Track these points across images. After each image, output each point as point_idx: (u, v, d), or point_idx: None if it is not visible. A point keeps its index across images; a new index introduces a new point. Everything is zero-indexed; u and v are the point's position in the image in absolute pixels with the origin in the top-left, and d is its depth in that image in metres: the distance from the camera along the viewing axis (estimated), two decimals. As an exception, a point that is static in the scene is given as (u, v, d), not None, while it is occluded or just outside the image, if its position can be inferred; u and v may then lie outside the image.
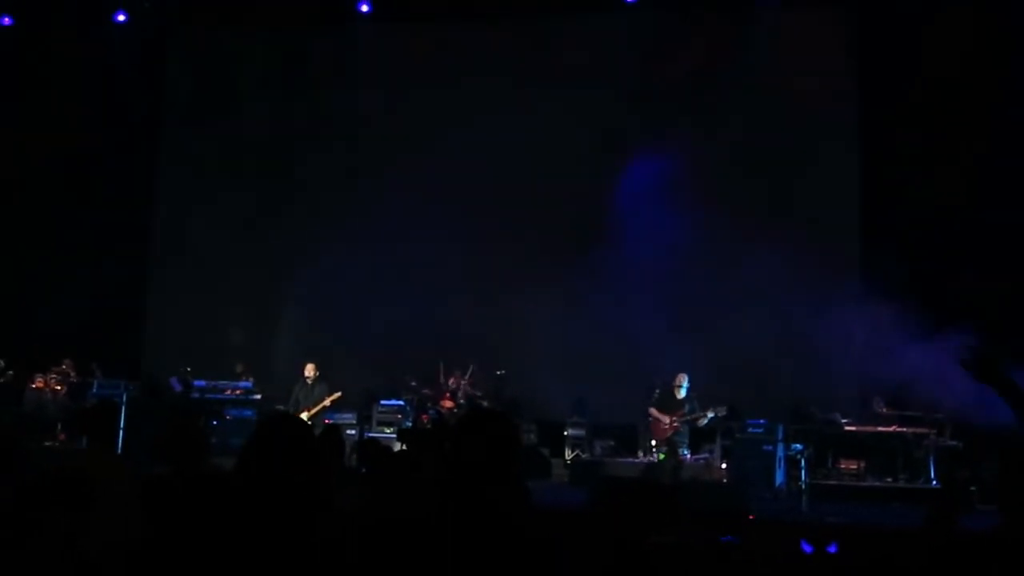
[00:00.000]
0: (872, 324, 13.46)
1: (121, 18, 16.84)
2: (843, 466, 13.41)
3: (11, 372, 14.53)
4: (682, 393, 13.25)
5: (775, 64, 15.37)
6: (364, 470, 6.40)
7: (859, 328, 13.75)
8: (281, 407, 14.32)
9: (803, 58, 15.26)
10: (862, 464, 13.33)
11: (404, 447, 8.69)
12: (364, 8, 16.58)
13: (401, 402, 14.67)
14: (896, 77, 14.79)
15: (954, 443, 12.87)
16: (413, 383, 14.96)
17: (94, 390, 14.61)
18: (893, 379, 12.94)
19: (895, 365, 12.68)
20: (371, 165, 16.37)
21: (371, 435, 13.69)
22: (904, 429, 13.14)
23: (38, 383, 14.75)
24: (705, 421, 13.18)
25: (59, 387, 14.85)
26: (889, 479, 13.04)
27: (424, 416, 14.28)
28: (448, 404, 14.39)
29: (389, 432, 13.64)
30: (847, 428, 13.43)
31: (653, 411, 13.29)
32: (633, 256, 14.85)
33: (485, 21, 16.60)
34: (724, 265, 14.45)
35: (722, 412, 13.16)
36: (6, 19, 16.49)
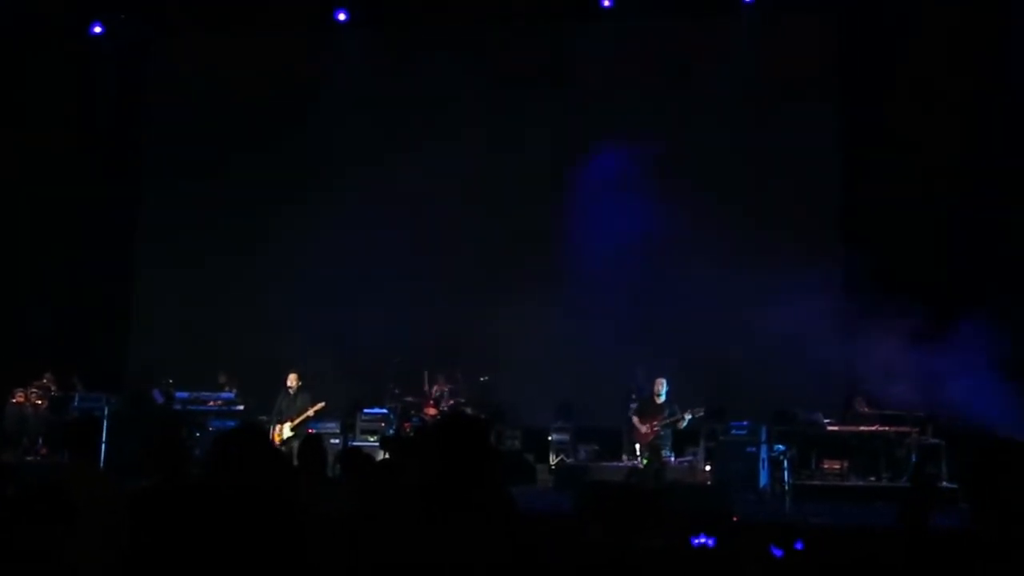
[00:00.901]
0: (853, 324, 13.59)
1: (97, 30, 16.77)
2: (826, 466, 13.50)
3: (-9, 387, 14.44)
4: (662, 398, 13.60)
5: (755, 64, 15.45)
6: (347, 478, 6.40)
7: (841, 328, 13.87)
8: (264, 418, 14.33)
9: (784, 59, 15.33)
10: (845, 464, 13.41)
11: (387, 455, 8.69)
12: (341, 16, 16.55)
13: (384, 410, 14.65)
14: (877, 77, 14.90)
15: (936, 441, 12.95)
16: (396, 391, 14.94)
17: (75, 404, 14.53)
18: (875, 378, 13.07)
19: (877, 364, 12.81)
20: (351, 176, 16.35)
21: (354, 443, 13.66)
22: (886, 428, 13.23)
23: (18, 397, 14.63)
24: (684, 424, 13.49)
25: (40, 401, 14.74)
26: (872, 478, 13.12)
27: (407, 424, 14.26)
28: (431, 412, 14.39)
29: (373, 440, 13.62)
30: (830, 428, 13.51)
31: (634, 419, 13.66)
32: (613, 259, 14.90)
33: (456, 26, 16.61)
34: (706, 266, 14.49)
35: (699, 413, 13.55)
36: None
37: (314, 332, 15.23)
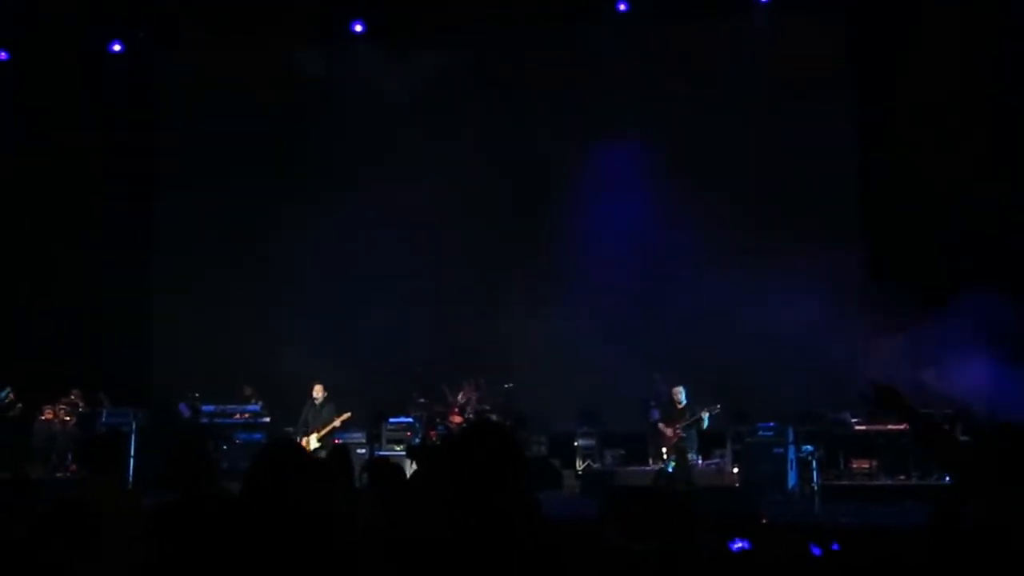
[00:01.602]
0: (874, 321, 13.50)
1: (117, 48, 16.87)
2: (855, 466, 13.41)
3: (19, 405, 14.53)
4: (682, 403, 13.72)
5: (768, 64, 15.37)
6: (374, 489, 6.39)
7: (861, 325, 13.79)
8: (290, 429, 14.38)
9: (798, 58, 15.23)
10: (874, 463, 13.32)
11: (414, 464, 8.69)
12: (358, 28, 16.57)
13: (410, 419, 14.65)
14: (890, 73, 14.81)
15: (966, 438, 12.82)
16: (421, 400, 14.96)
17: (103, 419, 14.62)
18: (901, 376, 12.96)
19: (902, 362, 12.71)
20: (366, 184, 16.42)
21: (380, 453, 13.68)
22: (915, 427, 13.09)
23: (47, 414, 14.74)
24: (705, 422, 13.49)
25: (68, 418, 14.84)
26: (901, 477, 13.01)
27: (433, 432, 14.27)
28: (457, 419, 14.38)
29: (399, 450, 13.63)
30: (857, 428, 13.41)
31: (660, 425, 13.74)
32: (637, 264, 14.89)
33: (463, 29, 16.63)
34: (730, 267, 14.47)
35: (716, 410, 13.58)
36: (3, 54, 16.54)
37: (335, 343, 15.30)
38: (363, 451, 13.65)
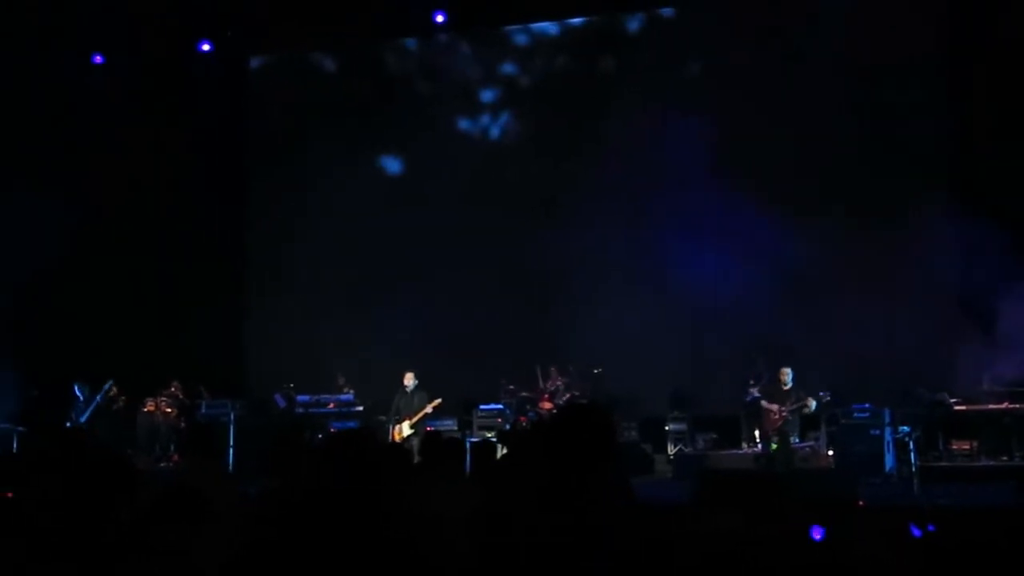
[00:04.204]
0: (974, 300, 13.17)
1: (206, 47, 17.22)
2: (955, 447, 13.09)
3: (123, 398, 14.97)
4: (788, 384, 13.42)
5: (856, 41, 15.02)
6: (472, 473, 6.46)
7: (961, 304, 13.46)
8: (382, 417, 14.59)
9: (887, 33, 14.84)
10: (974, 444, 12.99)
11: (506, 449, 8.74)
12: (439, 19, 16.66)
13: (500, 406, 14.73)
14: (984, 45, 14.34)
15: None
16: (511, 386, 15.03)
17: (202, 411, 14.99)
18: (1001, 354, 12.63)
19: (1002, 339, 12.39)
20: (451, 177, 16.62)
21: (472, 439, 13.80)
22: (1017, 406, 12.75)
23: (149, 406, 15.16)
24: (811, 408, 13.19)
25: (169, 409, 15.24)
26: (1004, 458, 12.66)
27: (523, 418, 14.33)
28: (547, 405, 14.42)
29: (490, 436, 13.72)
30: (956, 408, 13.08)
31: (764, 402, 13.41)
32: (728, 245, 14.67)
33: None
34: (824, 250, 14.22)
35: (827, 398, 13.25)
36: (98, 57, 17.00)
37: (426, 331, 15.49)
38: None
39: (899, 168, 14.69)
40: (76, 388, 14.81)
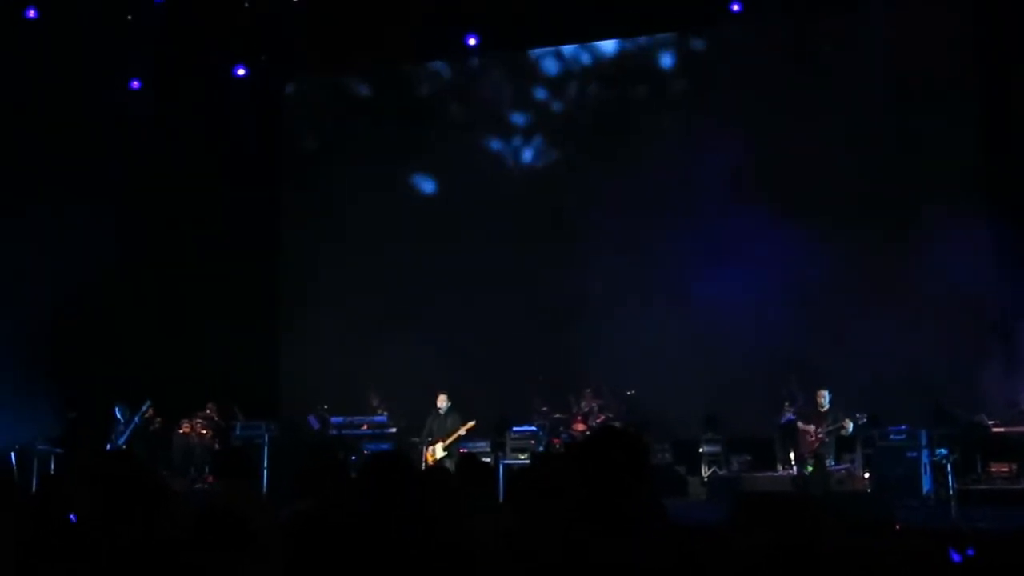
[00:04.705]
0: (1008, 320, 13.03)
1: (241, 72, 17.41)
2: (994, 470, 12.93)
3: (159, 419, 15.08)
4: (825, 406, 13.23)
5: (888, 58, 14.98)
6: (508, 498, 6.41)
7: (994, 324, 13.32)
8: (415, 439, 14.61)
9: (919, 50, 14.77)
10: (1014, 467, 12.82)
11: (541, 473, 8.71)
12: (472, 42, 16.75)
13: (534, 428, 14.71)
14: (1017, 61, 14.22)
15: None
16: (544, 408, 15.00)
17: (237, 432, 15.07)
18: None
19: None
20: (485, 193, 16.75)
21: (505, 461, 13.80)
22: (1057, 428, 12.60)
23: (184, 428, 15.26)
24: (849, 430, 13.04)
25: (204, 431, 15.33)
26: (1045, 480, 12.50)
27: (556, 440, 14.31)
28: (580, 427, 14.38)
29: (523, 458, 13.71)
30: (995, 430, 12.93)
31: (800, 423, 13.30)
32: (758, 268, 14.61)
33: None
34: (851, 269, 14.16)
35: (863, 419, 13.07)
36: (135, 83, 17.21)
37: (458, 352, 15.51)
38: (488, 459, 13.75)
39: (928, 186, 14.59)
40: (117, 410, 14.93)
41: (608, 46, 16.91)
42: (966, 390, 13.10)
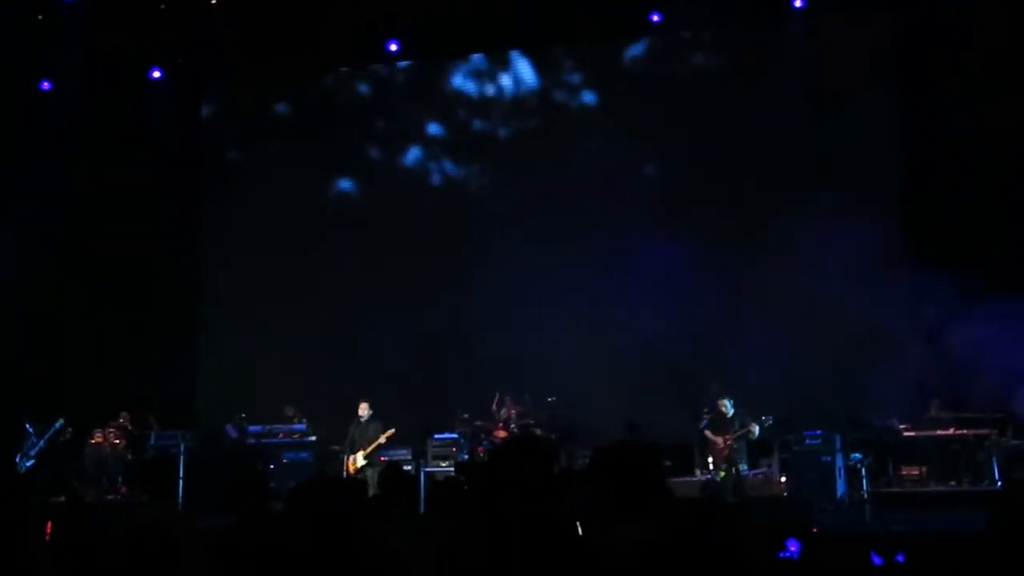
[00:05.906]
0: (920, 326, 13.35)
1: (156, 75, 17.09)
2: (904, 473, 13.26)
3: (70, 429, 14.69)
4: (729, 412, 13.33)
5: (808, 68, 15.27)
6: (428, 508, 6.40)
7: (909, 330, 13.63)
8: (336, 447, 14.46)
9: (837, 61, 15.08)
10: (924, 470, 13.17)
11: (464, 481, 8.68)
12: (393, 47, 16.67)
13: (455, 435, 14.66)
14: (934, 72, 14.57)
15: (1017, 443, 12.67)
16: (466, 415, 14.95)
17: (152, 442, 14.77)
18: (949, 380, 12.82)
19: (950, 366, 12.56)
20: (403, 203, 16.69)
21: (427, 469, 13.75)
22: (964, 431, 12.95)
23: (97, 438, 14.88)
24: (755, 433, 13.20)
25: (117, 441, 14.97)
26: (952, 483, 12.84)
27: (480, 448, 14.27)
28: (502, 434, 14.35)
29: (445, 466, 13.66)
30: (906, 434, 13.26)
31: (708, 433, 13.48)
32: (669, 278, 14.74)
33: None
34: (767, 280, 14.35)
35: (768, 422, 13.28)
36: (45, 83, 16.78)
37: (377, 360, 15.41)
38: (409, 467, 13.66)
39: (844, 202, 14.88)
40: (28, 426, 14.47)
41: (524, 65, 17.01)
42: (881, 395, 13.37)
